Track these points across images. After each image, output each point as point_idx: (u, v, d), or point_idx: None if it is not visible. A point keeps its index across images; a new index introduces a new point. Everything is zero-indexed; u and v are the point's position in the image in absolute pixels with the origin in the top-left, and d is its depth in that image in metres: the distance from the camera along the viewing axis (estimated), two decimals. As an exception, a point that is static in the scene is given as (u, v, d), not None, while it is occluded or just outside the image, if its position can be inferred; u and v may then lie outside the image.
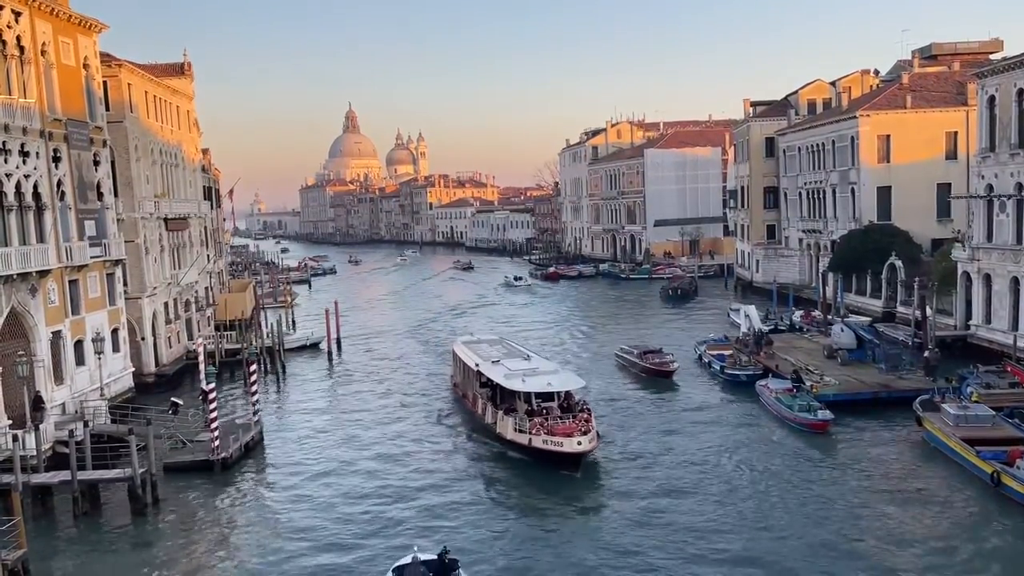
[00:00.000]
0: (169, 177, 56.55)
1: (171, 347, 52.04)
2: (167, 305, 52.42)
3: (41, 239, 36.45)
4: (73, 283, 39.06)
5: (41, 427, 32.25)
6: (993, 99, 45.04)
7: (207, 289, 64.93)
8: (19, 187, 35.22)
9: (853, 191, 65.92)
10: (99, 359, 39.00)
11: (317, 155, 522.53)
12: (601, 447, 32.63)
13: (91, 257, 40.04)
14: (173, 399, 40.69)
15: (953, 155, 63.10)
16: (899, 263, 55.29)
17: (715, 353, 47.67)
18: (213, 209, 75.00)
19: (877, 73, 79.99)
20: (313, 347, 61.50)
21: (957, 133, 62.64)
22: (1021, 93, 42.79)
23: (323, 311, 63.34)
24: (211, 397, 34.49)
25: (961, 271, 47.43)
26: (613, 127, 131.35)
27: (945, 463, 30.36)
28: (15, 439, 29.21)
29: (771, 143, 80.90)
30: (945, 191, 61.49)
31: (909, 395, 36.34)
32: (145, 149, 51.10)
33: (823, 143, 70.26)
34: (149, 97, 53.01)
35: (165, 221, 53.81)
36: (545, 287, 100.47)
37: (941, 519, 26.02)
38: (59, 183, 38.22)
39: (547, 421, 32.20)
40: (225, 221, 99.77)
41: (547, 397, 34.11)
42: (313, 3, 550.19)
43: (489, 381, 36.83)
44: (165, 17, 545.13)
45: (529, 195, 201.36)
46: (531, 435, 31.73)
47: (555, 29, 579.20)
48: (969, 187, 53.27)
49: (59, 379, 37.18)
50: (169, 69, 63.25)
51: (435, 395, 45.03)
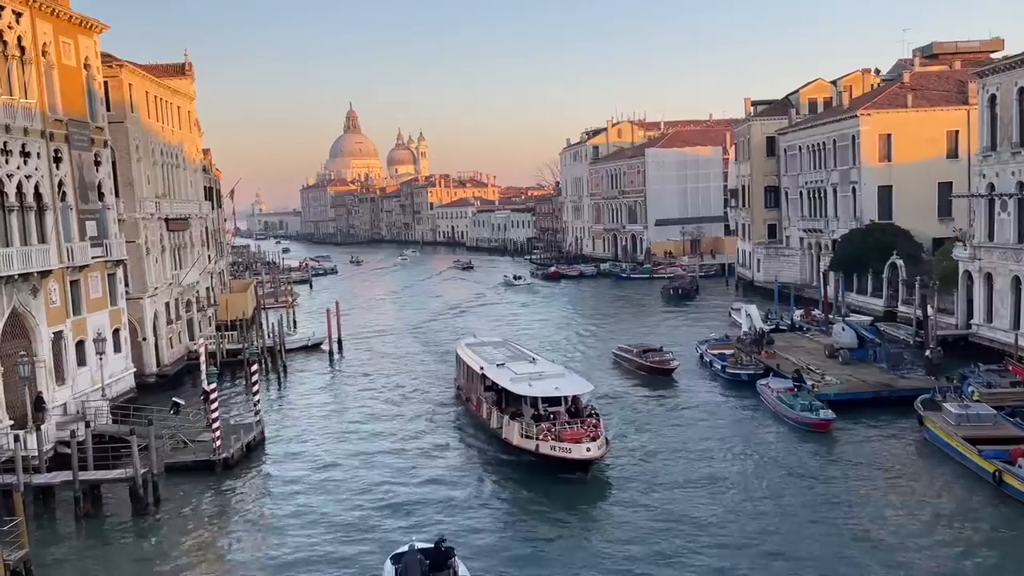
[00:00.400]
0: (170, 177, 56.58)
1: (172, 347, 52.05)
2: (168, 305, 52.43)
3: (42, 239, 36.47)
4: (74, 283, 39.08)
5: (43, 427, 32.28)
6: (994, 98, 45.02)
7: (208, 289, 64.97)
8: (20, 187, 35.24)
9: (854, 190, 65.91)
10: (100, 359, 39.00)
11: (318, 155, 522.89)
12: (608, 449, 31.66)
13: (92, 257, 40.06)
14: (174, 399, 40.71)
15: (954, 154, 63.08)
16: (900, 262, 55.25)
17: (716, 352, 47.66)
18: (214, 209, 75.07)
19: (878, 72, 80.00)
20: (315, 347, 61.49)
21: (958, 132, 62.61)
22: (1022, 92, 42.75)
23: (324, 311, 63.38)
24: (212, 397, 34.50)
25: (962, 270, 47.40)
26: (614, 126, 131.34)
27: (947, 462, 30.32)
28: (17, 439, 29.28)
29: (772, 142, 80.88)
30: (946, 190, 61.48)
31: (910, 394, 36.31)
32: (146, 149, 51.12)
33: (824, 142, 70.24)
34: (150, 97, 53.03)
35: (166, 221, 53.84)
36: (546, 287, 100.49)
37: (943, 518, 25.98)
38: (60, 183, 38.24)
39: (555, 427, 31.29)
40: (226, 221, 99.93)
41: (554, 402, 33.27)
42: (314, 3, 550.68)
43: (494, 385, 35.99)
44: (166, 17, 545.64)
45: (530, 195, 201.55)
46: (538, 441, 30.81)
47: (556, 29, 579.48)
48: (970, 186, 53.27)
49: (61, 379, 37.20)
50: (170, 69, 63.30)
51: (437, 397, 44.74)
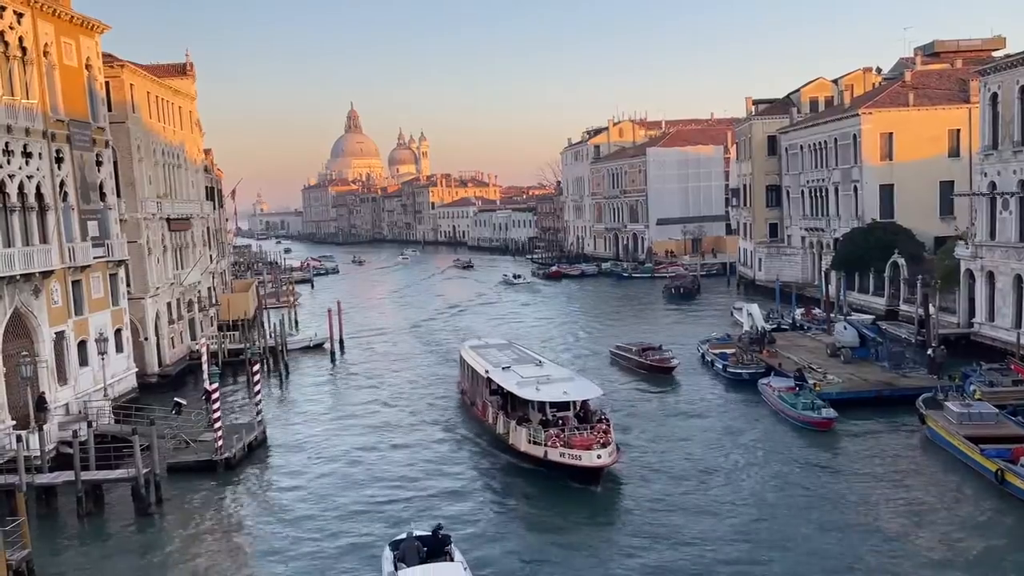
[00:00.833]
0: (171, 177, 56.61)
1: (174, 347, 52.10)
2: (170, 305, 52.48)
3: (44, 240, 36.51)
4: (76, 284, 39.11)
5: (45, 428, 32.29)
6: (996, 96, 44.98)
7: (210, 289, 65.00)
8: (22, 188, 35.28)
9: (856, 189, 65.88)
10: (102, 359, 39.05)
11: (319, 155, 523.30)
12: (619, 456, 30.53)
13: (94, 258, 40.09)
14: (176, 399, 40.79)
15: (956, 153, 63.06)
16: (902, 261, 55.23)
17: (718, 352, 47.67)
18: (216, 209, 75.12)
19: (879, 71, 79.92)
20: (316, 347, 61.48)
21: (960, 131, 62.60)
22: (1024, 90, 42.75)
23: (326, 311, 63.41)
24: (214, 397, 34.51)
25: (964, 269, 47.36)
26: (615, 126, 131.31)
27: (949, 461, 30.31)
28: (19, 440, 29.27)
29: (773, 141, 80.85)
30: (948, 189, 61.46)
31: (912, 393, 36.31)
32: (147, 150, 51.15)
33: (825, 141, 70.21)
34: (151, 98, 53.05)
35: (168, 221, 53.88)
36: (547, 286, 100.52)
37: (945, 517, 25.97)
38: (62, 184, 38.28)
39: (563, 432, 30.27)
40: (228, 221, 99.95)
41: (562, 406, 32.28)
42: (315, 3, 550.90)
43: (499, 388, 35.01)
44: (167, 18, 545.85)
45: (531, 194, 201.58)
46: (547, 447, 29.88)
47: (557, 28, 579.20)
48: (972, 185, 53.22)
49: (63, 379, 37.23)
50: (171, 69, 63.33)
51: (440, 399, 44.45)
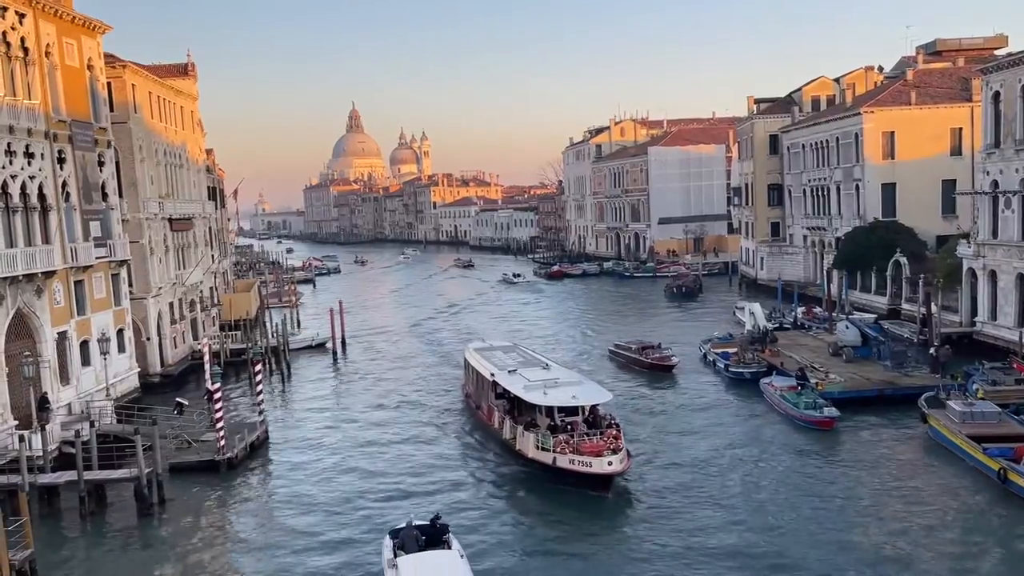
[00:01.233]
0: (173, 177, 56.64)
1: (176, 347, 52.13)
2: (172, 305, 52.51)
3: (46, 240, 36.55)
4: (79, 284, 39.15)
5: (47, 427, 32.30)
6: (998, 95, 44.92)
7: (212, 289, 65.03)
8: (24, 188, 35.31)
9: (857, 188, 65.83)
10: (105, 359, 39.10)
11: (321, 155, 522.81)
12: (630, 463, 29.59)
13: (96, 258, 40.12)
14: (178, 399, 40.81)
15: (958, 151, 63.01)
16: (904, 260, 55.18)
17: (720, 351, 47.67)
18: (217, 209, 75.13)
19: (881, 70, 79.84)
20: (318, 347, 61.49)
21: (962, 129, 62.56)
22: (1026, 89, 42.67)
23: (327, 310, 63.42)
24: (216, 397, 34.51)
25: (966, 267, 47.31)
26: (617, 125, 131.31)
27: (951, 460, 30.28)
28: (22, 439, 29.31)
29: (775, 140, 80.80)
30: (950, 187, 61.37)
31: (914, 392, 36.29)
32: (149, 150, 51.19)
33: (827, 140, 70.16)
34: (153, 98, 53.08)
35: (170, 221, 53.91)
36: (549, 286, 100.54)
37: (947, 516, 25.95)
38: (64, 184, 38.31)
39: (572, 438, 29.44)
40: (229, 221, 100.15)
41: (571, 411, 31.50)
42: (316, 2, 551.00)
43: (505, 392, 34.18)
44: (168, 18, 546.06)
45: (533, 194, 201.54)
46: (555, 454, 29.04)
47: (558, 28, 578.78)
48: (974, 183, 53.11)
49: (65, 379, 37.28)
50: (173, 70, 63.36)
51: (443, 401, 44.23)
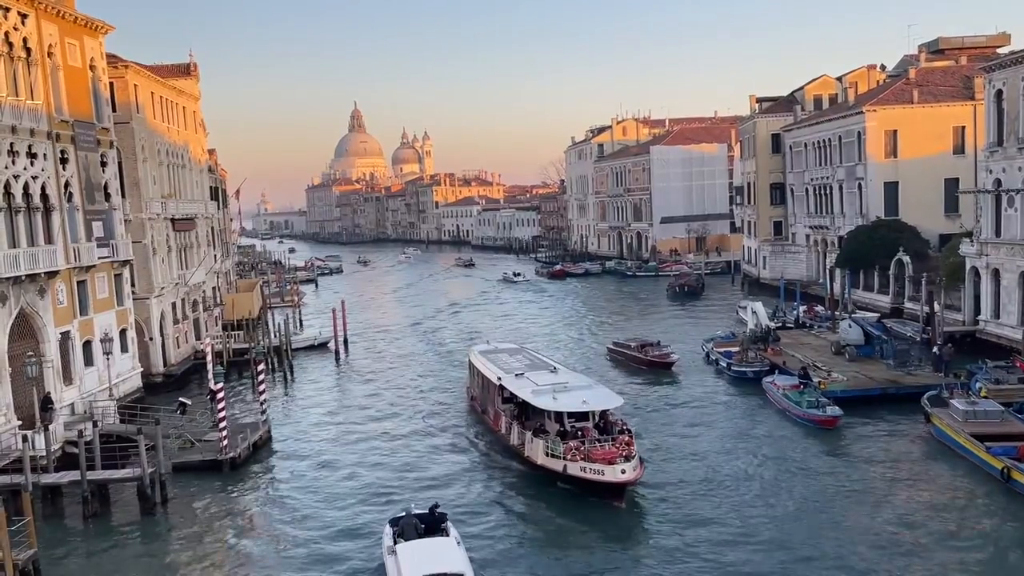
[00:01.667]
0: (176, 178, 56.68)
1: (179, 347, 52.18)
2: (175, 305, 52.56)
3: (49, 240, 36.58)
4: (81, 284, 39.19)
5: (50, 427, 32.33)
6: (1000, 93, 44.85)
7: (214, 289, 65.08)
8: (27, 188, 35.34)
9: (860, 187, 65.75)
10: (108, 359, 39.13)
11: (323, 155, 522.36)
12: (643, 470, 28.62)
13: (99, 258, 40.17)
14: (181, 399, 40.85)
15: (961, 150, 62.94)
16: (907, 259, 55.13)
17: (722, 350, 47.66)
18: (220, 209, 75.17)
19: (883, 68, 79.81)
20: (321, 347, 61.55)
21: (964, 128, 62.44)
22: (1029, 87, 42.59)
23: (330, 310, 63.48)
24: (219, 397, 34.55)
25: (969, 266, 47.25)
26: (619, 124, 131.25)
27: (954, 459, 30.25)
28: (25, 439, 29.33)
29: (777, 139, 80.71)
30: (953, 186, 61.29)
31: (917, 391, 36.28)
32: (152, 150, 51.22)
33: (830, 139, 70.08)
34: (155, 98, 53.12)
35: (172, 221, 53.95)
36: (551, 285, 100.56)
37: (951, 515, 25.92)
38: (66, 184, 38.35)
39: (583, 445, 28.51)
40: (232, 221, 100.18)
41: (581, 417, 30.62)
42: (317, 2, 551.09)
43: (512, 397, 33.45)
44: (170, 18, 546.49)
45: (535, 193, 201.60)
46: (566, 461, 28.14)
47: (560, 28, 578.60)
48: (977, 182, 53.01)
49: (68, 379, 37.32)
50: (175, 70, 63.38)
51: (446, 401, 44.18)
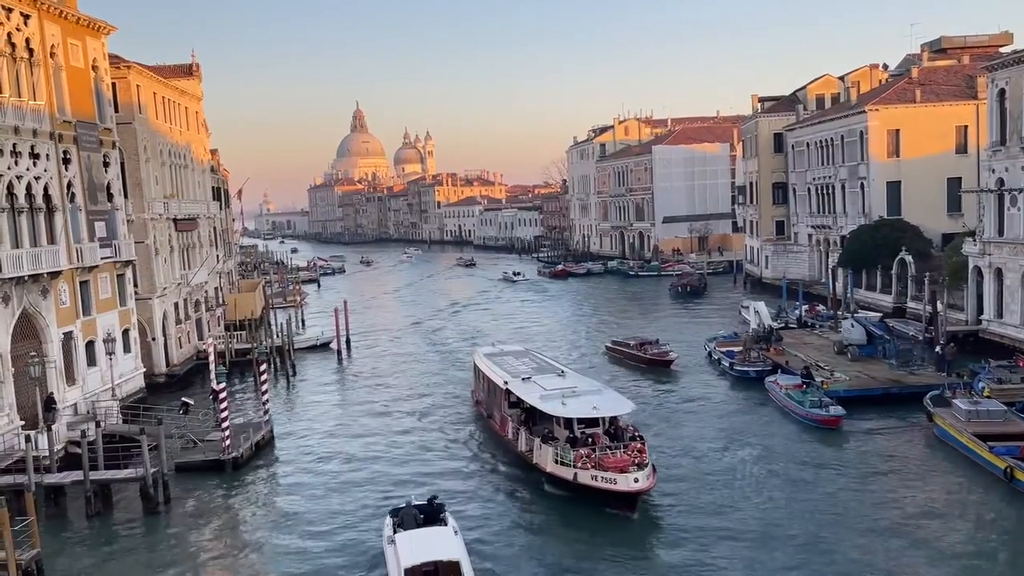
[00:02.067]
0: (178, 178, 56.73)
1: (181, 347, 52.23)
2: (177, 305, 52.61)
3: (52, 241, 36.63)
4: (84, 284, 39.24)
5: (53, 428, 32.43)
6: (1003, 92, 44.77)
7: (217, 289, 65.14)
8: (30, 189, 35.39)
9: (862, 186, 65.69)
10: (110, 359, 39.16)
11: (325, 155, 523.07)
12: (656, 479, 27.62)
13: (102, 258, 40.22)
14: (184, 399, 40.89)
15: (963, 149, 62.89)
16: (909, 258, 55.05)
17: (725, 350, 47.64)
18: (222, 209, 75.26)
19: (886, 67, 79.72)
20: (323, 347, 61.57)
21: (967, 127, 62.41)
22: (1032, 86, 42.52)
23: (332, 310, 63.49)
24: (221, 397, 34.60)
25: (972, 266, 47.18)
26: (621, 124, 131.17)
27: (957, 459, 30.22)
28: (28, 440, 29.39)
29: (779, 139, 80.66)
30: (955, 185, 61.25)
31: (920, 391, 36.26)
32: (154, 150, 51.27)
33: (832, 138, 70.02)
34: (158, 98, 53.16)
35: (175, 222, 54.00)
36: (553, 285, 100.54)
37: (954, 515, 25.91)
38: (69, 185, 38.39)
39: (594, 452, 27.76)
40: (234, 221, 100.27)
41: (591, 423, 29.76)
42: (319, 2, 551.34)
43: (520, 401, 32.79)
44: (173, 18, 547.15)
45: (537, 193, 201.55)
46: (576, 469, 27.33)
47: (562, 26, 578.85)
48: (980, 181, 52.94)
49: (71, 380, 37.36)
50: (177, 70, 63.47)
51: (448, 397, 44.40)
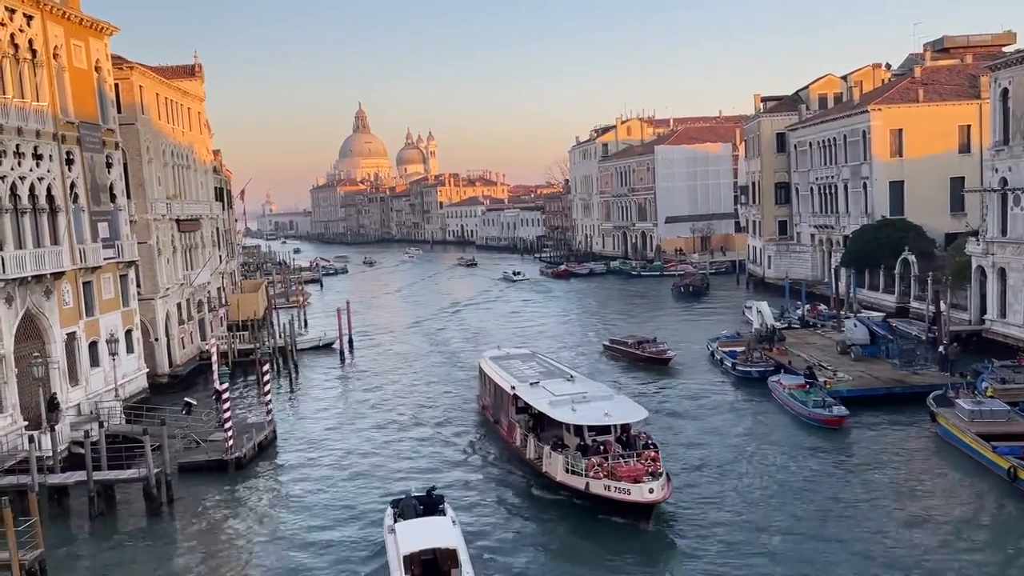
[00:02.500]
0: (181, 178, 56.79)
1: (184, 347, 52.27)
2: (180, 306, 52.65)
3: (55, 241, 36.68)
4: (87, 285, 39.28)
5: (57, 428, 32.45)
6: (1006, 92, 44.70)
7: (219, 290, 65.19)
8: (33, 190, 35.44)
9: (865, 186, 65.61)
10: (113, 360, 39.19)
11: (328, 155, 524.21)
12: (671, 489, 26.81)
13: (105, 259, 40.27)
14: (187, 399, 40.94)
15: (966, 148, 62.81)
16: (912, 258, 54.99)
17: (727, 350, 47.61)
18: (225, 210, 75.29)
19: (889, 67, 79.59)
20: (326, 347, 61.57)
21: (970, 126, 62.34)
22: (1035, 85, 42.46)
23: (335, 310, 63.49)
24: (224, 397, 34.60)
25: (975, 265, 47.11)
26: (623, 124, 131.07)
27: (960, 459, 30.17)
28: (31, 440, 29.43)
29: (782, 138, 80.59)
30: (958, 185, 61.15)
31: (923, 390, 36.18)
32: (157, 151, 51.32)
33: (835, 138, 69.94)
34: (160, 99, 53.22)
35: (177, 222, 54.05)
36: (556, 285, 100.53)
37: (957, 515, 25.87)
38: (72, 185, 38.44)
39: (606, 461, 26.92)
40: (237, 222, 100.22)
41: (602, 430, 28.79)
42: (321, 3, 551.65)
43: (527, 407, 32.00)
44: (175, 19, 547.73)
45: (539, 193, 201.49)
46: (588, 478, 26.52)
47: (564, 26, 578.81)
48: (983, 181, 52.91)
49: (74, 380, 37.41)
50: (180, 71, 63.55)
51: (451, 398, 44.36)
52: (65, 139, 37.94)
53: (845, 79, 79.83)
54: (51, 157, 36.77)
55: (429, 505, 25.01)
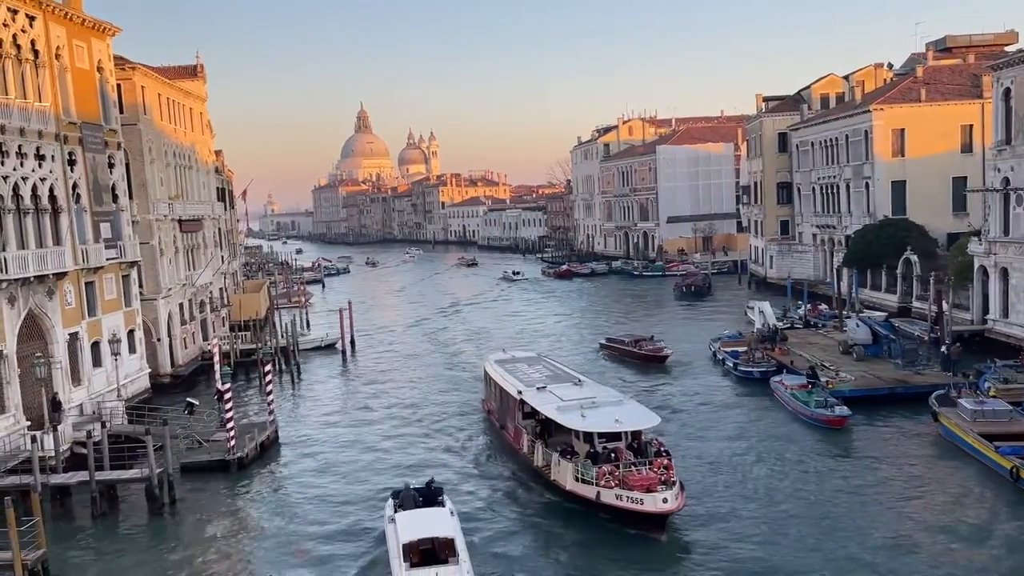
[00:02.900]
0: (183, 179, 56.85)
1: (186, 348, 52.31)
2: (182, 306, 52.71)
3: (57, 241, 36.73)
4: (89, 285, 39.32)
5: (59, 428, 32.46)
6: (1009, 91, 44.67)
7: (221, 290, 65.25)
8: (35, 190, 35.47)
9: (867, 185, 65.57)
10: (116, 360, 39.25)
11: (329, 155, 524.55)
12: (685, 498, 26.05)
13: (107, 259, 40.32)
14: (189, 399, 41.00)
15: (968, 148, 62.77)
16: (915, 258, 54.94)
17: (729, 350, 47.58)
18: (227, 210, 75.41)
19: (891, 67, 79.56)
20: (328, 347, 61.59)
21: (972, 126, 62.28)
22: (1037, 85, 42.43)
23: (337, 310, 63.54)
24: (226, 397, 34.62)
25: (977, 265, 47.07)
26: (625, 124, 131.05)
27: (963, 459, 30.14)
28: (34, 440, 29.50)
29: (784, 138, 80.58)
30: (961, 185, 61.12)
31: (926, 390, 36.12)
32: (159, 151, 51.38)
33: (837, 138, 69.91)
34: (162, 99, 53.29)
35: (179, 223, 54.11)
36: (558, 285, 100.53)
37: (960, 515, 25.83)
38: (74, 186, 38.49)
39: (618, 469, 26.10)
40: (239, 222, 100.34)
41: (613, 436, 28.06)
42: (324, 3, 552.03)
43: (534, 412, 31.17)
44: (177, 20, 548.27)
45: (541, 193, 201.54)
46: (599, 487, 25.71)
47: (565, 26, 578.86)
48: (985, 180, 52.86)
49: (76, 380, 37.45)
50: (182, 71, 63.60)
51: (453, 398, 44.39)
52: (67, 140, 37.99)
53: (847, 79, 79.81)
54: (53, 158, 36.82)
55: (428, 496, 25.94)
